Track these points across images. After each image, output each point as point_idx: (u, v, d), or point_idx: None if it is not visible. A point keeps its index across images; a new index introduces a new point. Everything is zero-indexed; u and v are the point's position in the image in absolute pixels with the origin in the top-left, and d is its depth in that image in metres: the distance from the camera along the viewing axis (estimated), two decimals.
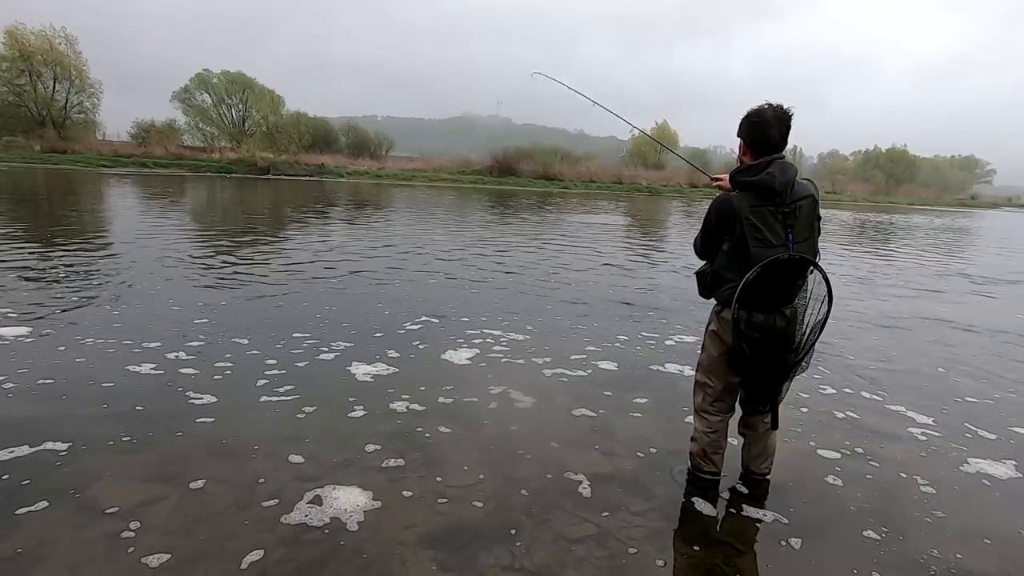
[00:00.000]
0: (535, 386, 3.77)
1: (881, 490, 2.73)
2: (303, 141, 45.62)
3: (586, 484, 2.63)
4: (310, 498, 2.41)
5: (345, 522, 2.27)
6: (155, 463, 2.63)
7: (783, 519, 2.46)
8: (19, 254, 7.32)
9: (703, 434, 2.61)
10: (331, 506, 2.36)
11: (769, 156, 2.28)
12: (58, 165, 33.33)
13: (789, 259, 2.25)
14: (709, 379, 2.58)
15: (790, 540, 2.32)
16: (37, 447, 2.68)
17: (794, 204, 2.27)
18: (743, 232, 2.26)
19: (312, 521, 2.26)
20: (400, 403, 3.41)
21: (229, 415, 3.15)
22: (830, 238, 16.39)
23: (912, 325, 6.12)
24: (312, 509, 2.34)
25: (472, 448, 2.92)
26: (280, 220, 14.07)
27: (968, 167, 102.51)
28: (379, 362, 4.06)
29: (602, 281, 7.69)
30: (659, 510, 2.49)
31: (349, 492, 2.47)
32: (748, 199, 2.28)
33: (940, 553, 2.27)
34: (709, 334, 2.56)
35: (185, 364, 3.81)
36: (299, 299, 5.79)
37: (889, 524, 2.45)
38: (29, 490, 2.36)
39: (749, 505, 2.55)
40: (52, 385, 3.39)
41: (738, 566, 2.18)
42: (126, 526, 2.17)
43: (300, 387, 3.55)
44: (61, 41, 42.94)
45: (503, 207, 22.69)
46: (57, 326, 4.49)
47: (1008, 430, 3.50)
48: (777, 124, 2.26)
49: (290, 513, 2.30)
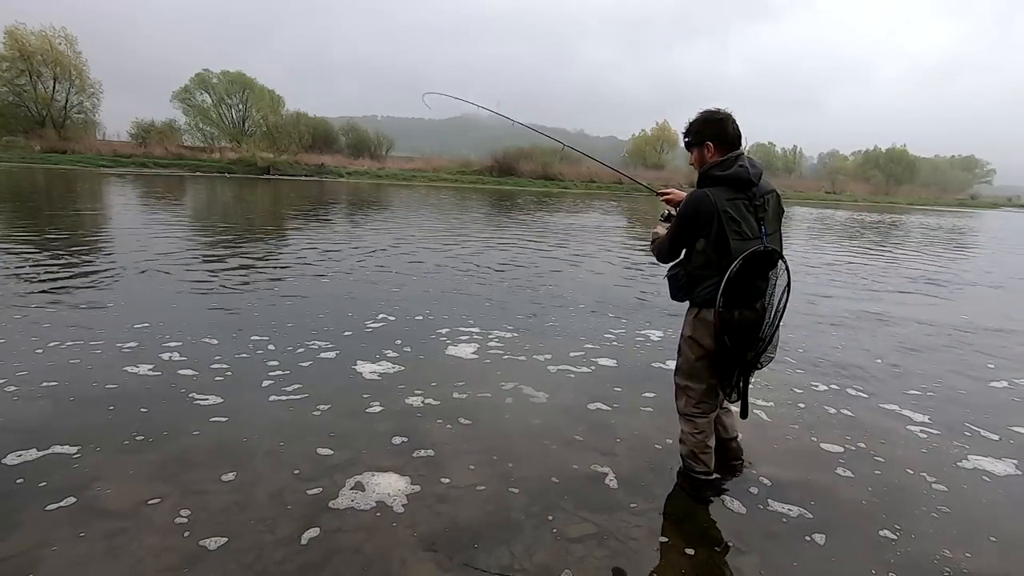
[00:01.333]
0: (543, 382, 3.79)
1: (888, 487, 2.73)
2: (303, 141, 45.64)
3: (587, 484, 2.63)
4: (352, 484, 2.52)
5: (391, 505, 2.40)
6: (176, 460, 2.65)
7: (785, 518, 2.46)
8: (19, 254, 7.32)
9: (691, 436, 2.61)
10: (374, 491, 2.48)
11: (732, 151, 2.41)
12: (58, 165, 33.32)
13: (764, 251, 2.32)
14: (690, 383, 2.59)
15: (791, 540, 2.32)
16: (45, 450, 2.68)
17: (763, 197, 2.38)
18: (721, 226, 2.31)
19: (360, 505, 2.38)
20: (415, 399, 3.47)
21: (241, 414, 3.15)
22: (829, 235, 16.36)
23: (873, 322, 6.13)
24: (357, 494, 2.45)
25: (484, 442, 2.93)
26: (279, 220, 14.07)
27: (968, 167, 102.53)
28: (383, 361, 4.07)
29: (592, 280, 7.70)
30: (659, 510, 2.49)
31: (388, 478, 2.59)
32: (724, 192, 2.34)
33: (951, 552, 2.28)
34: (686, 340, 2.56)
35: (183, 365, 3.80)
36: (296, 299, 5.79)
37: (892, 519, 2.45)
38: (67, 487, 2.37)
39: (749, 505, 2.55)
40: (56, 387, 3.37)
41: (739, 566, 2.18)
42: (177, 514, 2.26)
43: (308, 386, 3.56)
44: (61, 41, 43.02)
45: (502, 207, 22.69)
46: (56, 327, 4.49)
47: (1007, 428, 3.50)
48: (732, 122, 2.42)
49: (336, 499, 2.40)
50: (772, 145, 77.06)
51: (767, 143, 76.62)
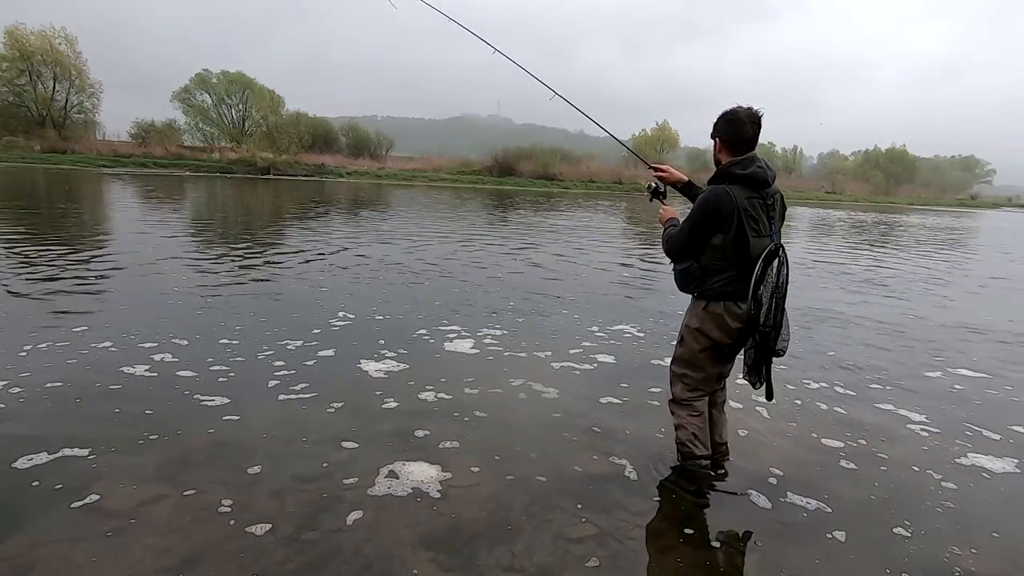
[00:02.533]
0: (549, 378, 3.80)
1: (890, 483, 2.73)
2: (303, 141, 45.62)
3: (587, 484, 2.64)
4: (385, 473, 2.60)
5: (427, 491, 2.49)
6: (199, 458, 2.67)
7: (786, 517, 2.46)
8: (18, 254, 7.32)
9: (690, 418, 2.65)
10: (408, 478, 2.57)
11: (746, 153, 2.44)
12: (58, 165, 33.33)
13: (774, 247, 2.39)
14: (689, 371, 2.64)
15: (791, 540, 2.32)
16: (56, 453, 2.67)
17: (773, 197, 2.47)
18: (741, 223, 2.36)
19: (397, 491, 2.46)
20: (427, 393, 3.53)
21: (251, 413, 3.16)
22: (828, 234, 16.35)
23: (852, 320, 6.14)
24: (391, 482, 2.54)
25: (485, 442, 2.93)
26: (278, 220, 14.07)
27: (968, 167, 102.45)
28: (386, 359, 4.10)
29: (582, 277, 7.70)
30: (659, 510, 2.49)
31: (419, 466, 2.68)
32: (741, 191, 2.39)
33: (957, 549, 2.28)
34: (692, 331, 2.59)
35: (184, 366, 3.80)
36: (293, 299, 5.79)
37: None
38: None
39: (749, 504, 2.55)
40: (60, 388, 3.36)
41: (741, 565, 2.18)
42: (219, 502, 2.33)
43: (315, 385, 3.58)
44: (61, 41, 43.03)
45: (501, 208, 22.68)
46: (57, 327, 4.49)
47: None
48: (750, 123, 2.43)
49: (373, 486, 2.47)
50: (772, 145, 77.04)
51: (767, 143, 76.62)
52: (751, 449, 3.05)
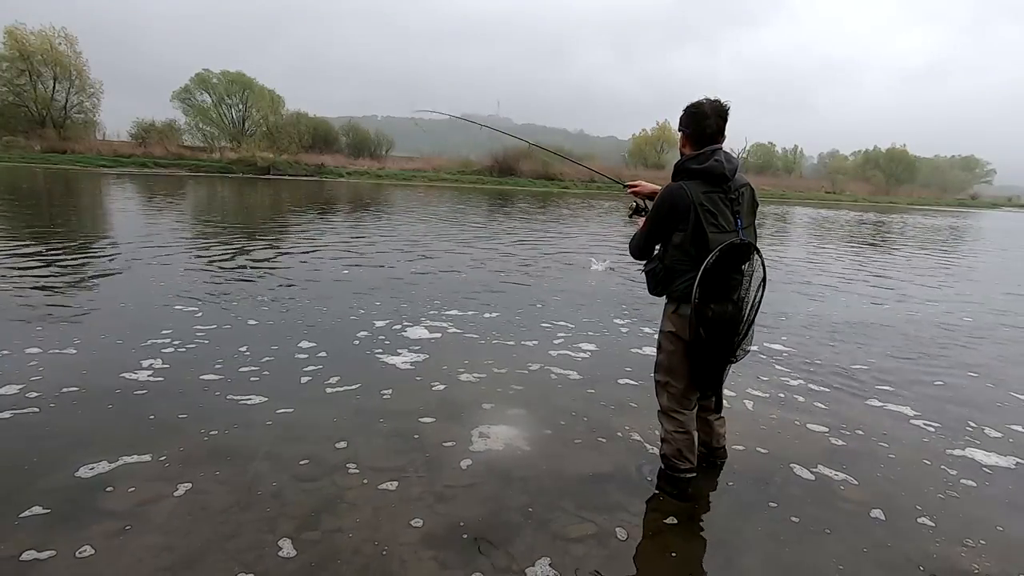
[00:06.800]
0: (548, 377, 3.79)
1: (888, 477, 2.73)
2: (303, 141, 45.59)
3: (587, 484, 2.63)
4: (476, 435, 2.99)
5: (518, 446, 2.91)
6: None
7: (784, 517, 2.46)
8: (16, 255, 7.32)
9: (676, 434, 2.55)
10: (498, 438, 2.98)
11: (708, 146, 2.35)
12: (58, 165, 33.31)
13: (741, 244, 2.32)
14: (671, 379, 2.55)
15: (790, 538, 2.32)
16: (115, 462, 2.68)
17: (738, 191, 2.38)
18: (698, 219, 2.29)
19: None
20: (466, 375, 3.85)
21: (253, 412, 3.17)
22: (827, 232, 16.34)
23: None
24: (485, 440, 2.95)
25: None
26: (279, 220, 14.06)
27: (968, 167, 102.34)
28: (407, 352, 4.28)
29: (561, 275, 7.70)
30: (659, 510, 2.49)
31: (500, 429, 3.08)
32: (699, 186, 2.33)
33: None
34: (666, 335, 2.54)
35: (184, 367, 3.81)
36: (292, 299, 5.80)
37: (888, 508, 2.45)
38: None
39: (749, 504, 2.56)
40: (77, 392, 3.33)
41: (742, 564, 2.18)
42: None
43: (349, 378, 3.69)
44: (61, 41, 42.95)
45: (501, 206, 22.67)
46: (56, 329, 4.50)
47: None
48: (714, 116, 2.34)
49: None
50: (772, 145, 76.97)
51: (767, 143, 76.55)
52: (751, 449, 3.05)
